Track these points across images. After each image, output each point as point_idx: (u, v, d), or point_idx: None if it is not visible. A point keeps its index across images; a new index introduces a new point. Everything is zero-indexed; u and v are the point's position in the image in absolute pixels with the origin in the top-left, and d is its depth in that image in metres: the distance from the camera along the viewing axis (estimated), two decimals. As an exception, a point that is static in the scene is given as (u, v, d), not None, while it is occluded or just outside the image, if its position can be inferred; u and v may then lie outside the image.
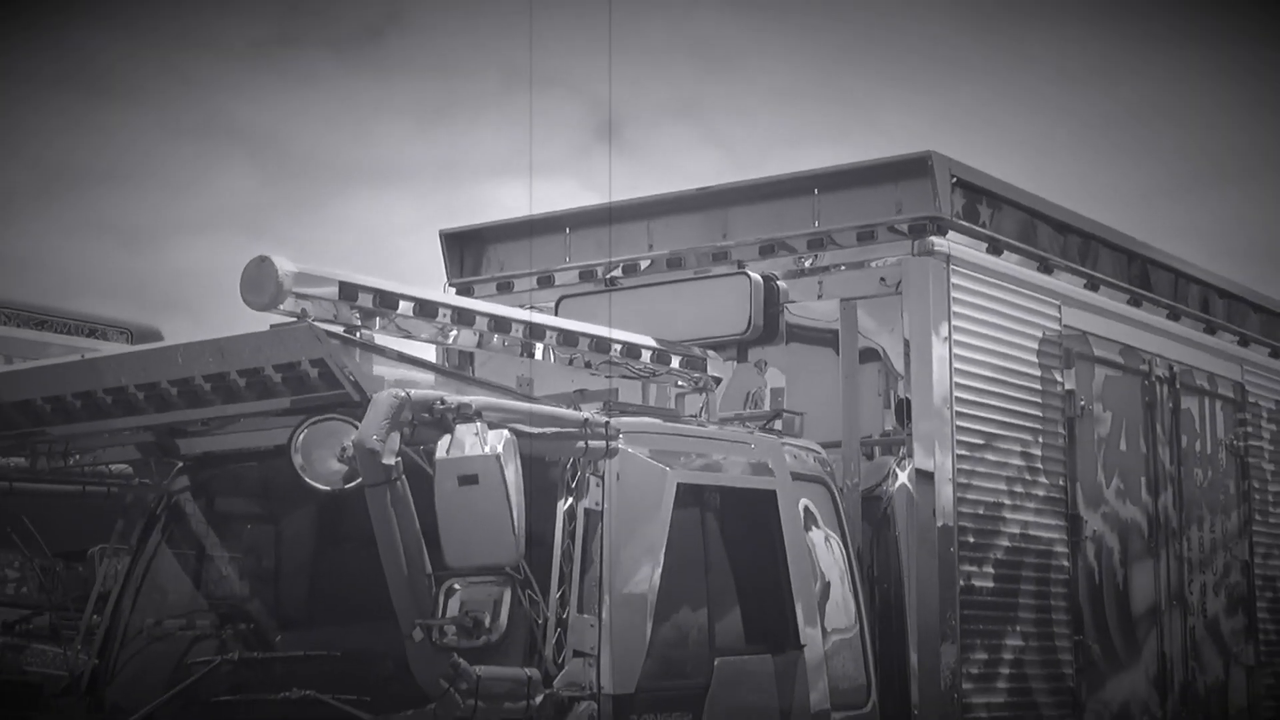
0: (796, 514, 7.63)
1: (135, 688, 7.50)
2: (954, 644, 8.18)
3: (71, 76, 37.23)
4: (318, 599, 7.79)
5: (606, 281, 9.23)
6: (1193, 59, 39.01)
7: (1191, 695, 10.04)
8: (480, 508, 5.92)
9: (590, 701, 6.48)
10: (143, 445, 7.48)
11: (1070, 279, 9.60)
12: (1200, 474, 10.43)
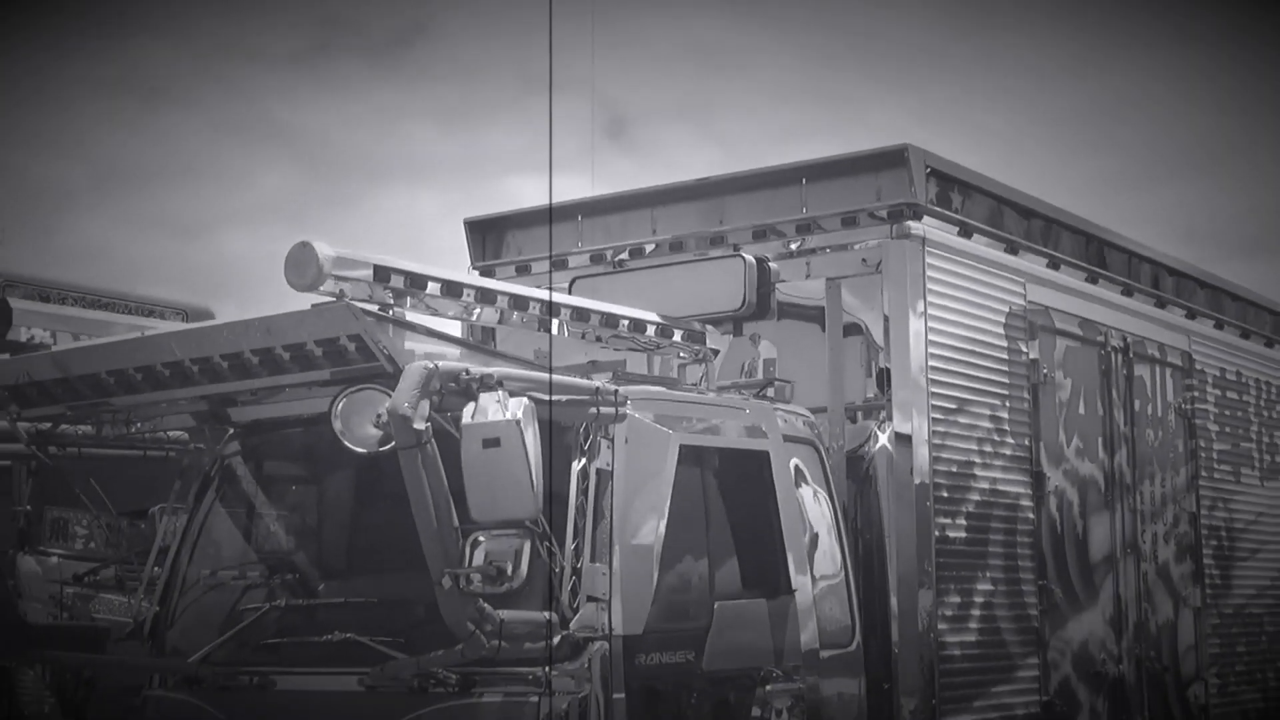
0: (787, 472, 7.64)
1: (192, 632, 7.54)
2: (930, 589, 8.19)
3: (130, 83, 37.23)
4: (356, 551, 7.81)
5: (615, 264, 9.24)
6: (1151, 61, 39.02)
7: (1144, 634, 10.05)
8: (502, 468, 5.94)
9: (602, 642, 6.50)
10: (197, 413, 7.50)
11: (1034, 259, 9.59)
12: (1151, 434, 10.43)
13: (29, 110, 34.33)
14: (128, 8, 34.40)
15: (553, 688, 6.40)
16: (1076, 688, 9.28)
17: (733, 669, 7.09)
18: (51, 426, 7.57)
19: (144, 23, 34.55)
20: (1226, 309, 12.01)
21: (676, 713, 6.81)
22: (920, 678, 8.09)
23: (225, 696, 7.16)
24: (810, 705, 7.39)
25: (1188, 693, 10.48)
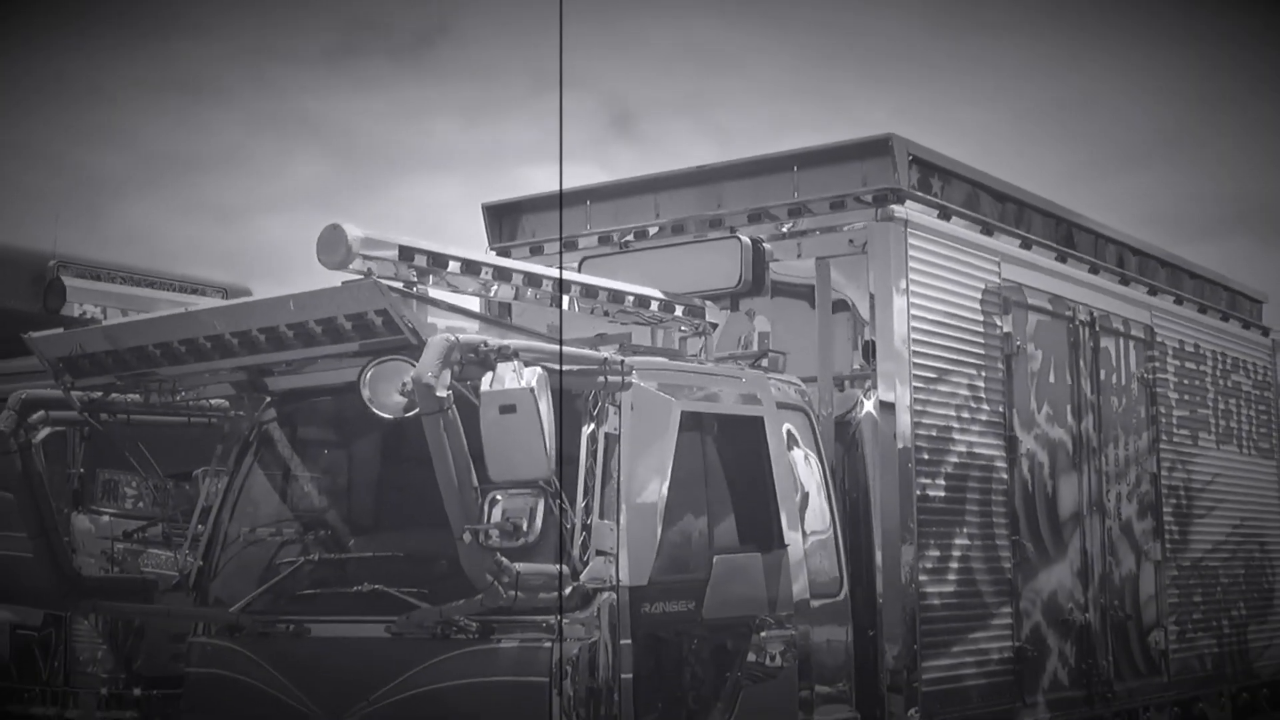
0: (780, 436, 7.63)
1: (233, 584, 7.56)
2: (912, 544, 8.19)
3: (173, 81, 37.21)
4: (383, 510, 7.81)
5: (621, 245, 9.22)
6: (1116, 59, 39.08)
7: (1108, 585, 10.06)
8: (518, 432, 5.95)
9: (610, 592, 6.51)
10: (236, 383, 7.48)
11: (1007, 240, 9.57)
12: (1116, 402, 10.42)
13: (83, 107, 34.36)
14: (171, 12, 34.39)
15: (565, 635, 6.42)
16: (1046, 634, 9.29)
17: (730, 617, 7.10)
18: (102, 395, 7.56)
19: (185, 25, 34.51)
20: (1185, 286, 12.00)
21: (678, 658, 6.83)
22: (903, 625, 8.09)
23: (263, 643, 7.19)
24: (802, 651, 7.40)
25: (1148, 639, 10.49)
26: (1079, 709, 9.58)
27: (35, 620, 10.61)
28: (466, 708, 6.53)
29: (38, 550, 7.80)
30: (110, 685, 10.45)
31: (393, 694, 6.69)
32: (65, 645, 10.52)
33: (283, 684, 7.05)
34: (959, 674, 8.48)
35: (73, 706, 10.43)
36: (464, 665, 6.56)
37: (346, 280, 6.42)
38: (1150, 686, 10.45)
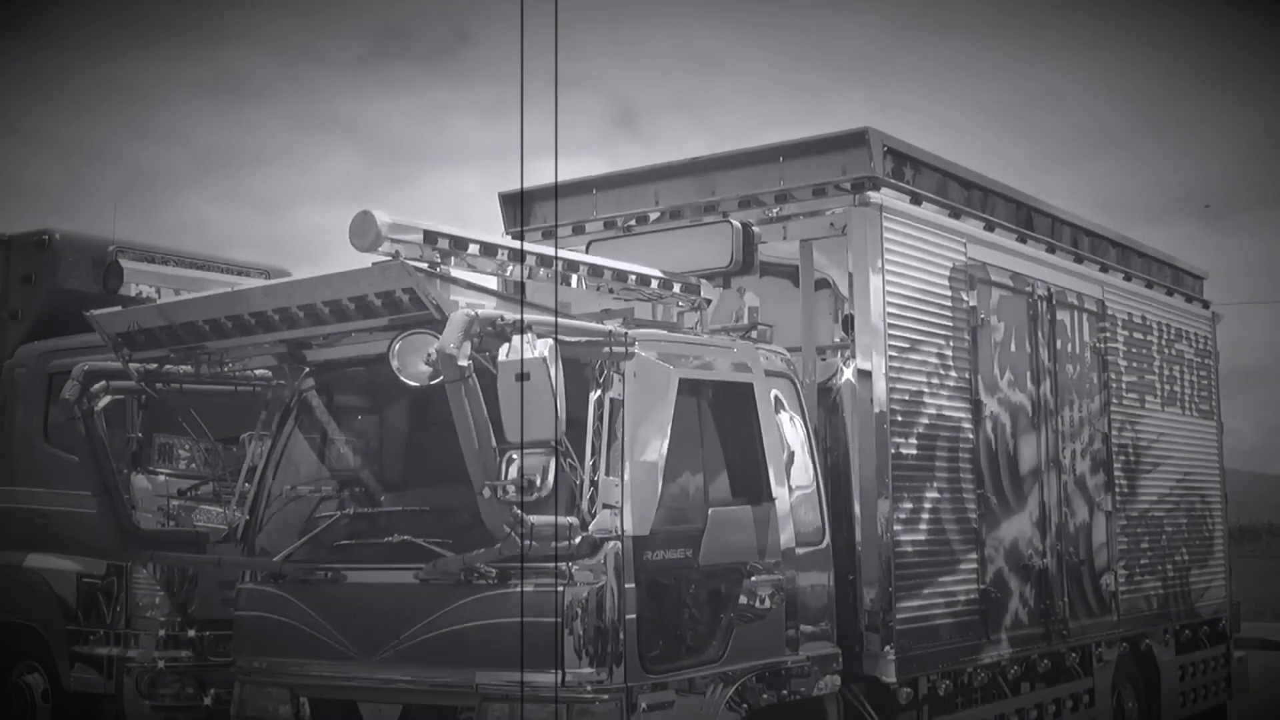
0: (769, 400, 7.63)
1: (276, 536, 7.59)
2: (887, 498, 8.19)
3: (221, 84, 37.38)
4: (411, 468, 7.83)
5: (624, 229, 9.21)
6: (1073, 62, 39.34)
7: (1064, 534, 10.07)
8: (532, 397, 5.97)
9: (616, 542, 6.52)
10: (278, 355, 7.50)
11: (973, 223, 9.54)
12: (1071, 369, 10.42)
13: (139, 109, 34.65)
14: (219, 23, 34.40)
15: (575, 580, 6.47)
16: (1008, 578, 9.31)
17: (724, 564, 7.11)
18: (157, 366, 7.57)
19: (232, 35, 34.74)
20: (1134, 264, 11.97)
21: (677, 601, 6.83)
22: (879, 570, 8.10)
23: (304, 589, 7.23)
24: (788, 594, 7.42)
25: (1100, 582, 10.51)
26: (1038, 645, 9.60)
27: (99, 570, 10.63)
28: (487, 646, 6.56)
29: (100, 507, 7.84)
30: (167, 627, 10.47)
31: (420, 634, 6.74)
32: (126, 592, 10.54)
33: (322, 625, 7.10)
34: (930, 614, 8.49)
35: (134, 646, 10.46)
36: (484, 608, 6.59)
37: (376, 261, 6.43)
38: (1102, 625, 10.47)
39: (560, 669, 6.40)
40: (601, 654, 6.44)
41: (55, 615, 10.79)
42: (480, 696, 6.54)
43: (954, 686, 8.75)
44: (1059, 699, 9.83)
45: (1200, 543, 12.36)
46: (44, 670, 10.90)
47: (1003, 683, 9.29)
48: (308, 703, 7.15)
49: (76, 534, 10.44)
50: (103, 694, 10.51)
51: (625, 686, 6.47)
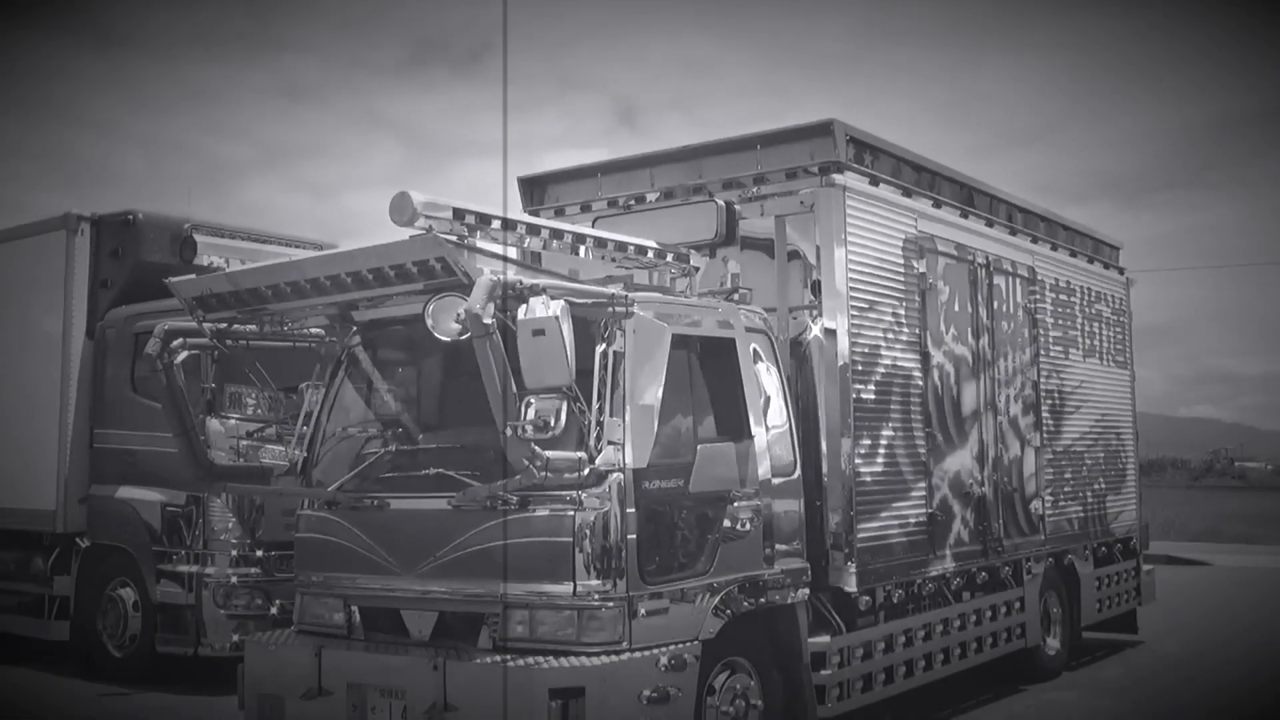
0: (748, 353, 7.62)
1: (330, 470, 7.58)
2: (849, 436, 8.19)
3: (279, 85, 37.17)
4: (444, 411, 7.82)
5: (624, 207, 9.16)
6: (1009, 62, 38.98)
7: (999, 466, 10.08)
8: (546, 350, 5.97)
9: (618, 473, 6.54)
10: (330, 315, 7.48)
11: (922, 201, 9.48)
12: (1006, 325, 10.40)
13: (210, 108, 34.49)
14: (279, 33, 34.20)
15: (584, 505, 6.48)
16: (952, 503, 9.32)
17: (710, 492, 7.12)
18: (227, 325, 7.55)
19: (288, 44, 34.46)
20: (1060, 236, 11.93)
21: (671, 523, 6.85)
22: (842, 497, 8.11)
23: (354, 514, 7.23)
24: (765, 517, 7.43)
25: (1029, 506, 10.53)
26: (976, 560, 9.63)
27: (180, 500, 10.68)
28: (509, 562, 6.57)
29: (180, 447, 7.84)
30: (239, 548, 10.55)
31: (452, 552, 6.75)
32: (203, 518, 10.59)
33: (369, 545, 7.10)
34: (885, 534, 8.51)
35: (211, 564, 10.52)
36: (508, 530, 6.59)
37: (413, 235, 6.40)
38: (1031, 543, 10.50)
39: (573, 581, 6.44)
40: (607, 568, 6.46)
41: (143, 539, 10.85)
42: (504, 605, 6.56)
43: (906, 595, 8.79)
44: (994, 605, 9.88)
45: (1115, 474, 12.39)
46: (135, 585, 10.97)
47: (947, 592, 9.34)
48: (358, 610, 7.17)
49: (160, 470, 10.48)
50: (184, 605, 10.58)
51: (627, 596, 6.50)
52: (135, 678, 10.75)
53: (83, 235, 11.67)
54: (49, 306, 11.72)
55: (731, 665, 7.17)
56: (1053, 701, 10.04)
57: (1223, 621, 14.74)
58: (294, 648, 7.25)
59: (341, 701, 6.88)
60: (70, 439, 11.44)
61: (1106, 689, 10.60)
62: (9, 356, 12.22)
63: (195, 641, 10.49)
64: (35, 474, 11.62)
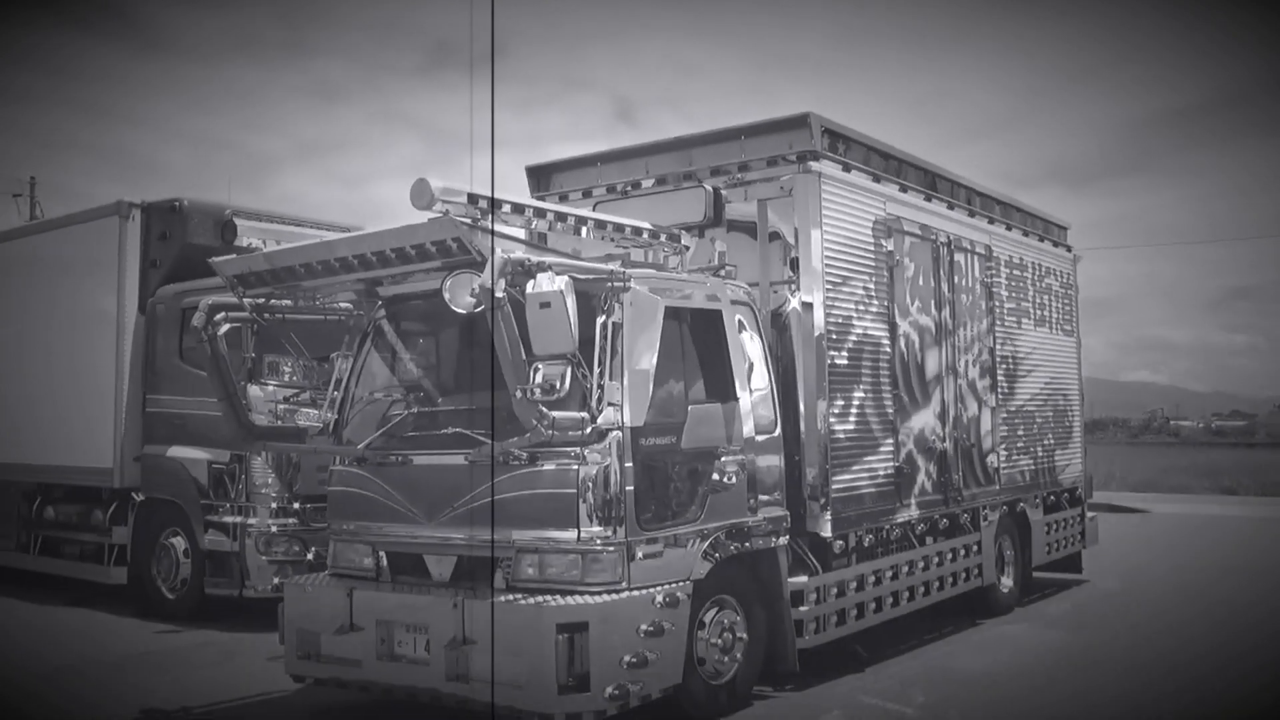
0: (734, 323, 7.60)
1: (358, 430, 7.57)
2: (824, 398, 8.18)
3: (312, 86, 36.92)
4: (460, 376, 7.79)
5: (622, 193, 9.12)
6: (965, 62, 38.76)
7: (959, 423, 10.08)
8: (552, 321, 5.95)
9: (618, 431, 6.53)
10: (357, 291, 7.44)
11: (890, 186, 9.44)
12: (965, 298, 10.38)
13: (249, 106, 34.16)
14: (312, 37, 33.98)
15: (587, 460, 6.48)
16: (917, 457, 9.33)
17: (700, 448, 7.13)
18: (265, 300, 7.52)
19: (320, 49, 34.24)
20: (1014, 218, 11.88)
21: (665, 476, 6.85)
22: (818, 453, 8.12)
23: (381, 469, 7.23)
24: (749, 471, 7.44)
25: (986, 460, 10.54)
26: (938, 508, 9.65)
27: (224, 458, 10.67)
28: (519, 512, 6.58)
29: (224, 410, 7.82)
30: (278, 500, 10.55)
31: (469, 503, 6.75)
32: (246, 474, 10.59)
33: (394, 497, 7.10)
34: (857, 485, 8.52)
35: (252, 515, 10.53)
36: (518, 482, 6.60)
37: (431, 218, 6.36)
38: (987, 493, 10.51)
39: (577, 528, 6.45)
40: (607, 517, 6.47)
41: (192, 493, 10.85)
42: (516, 549, 6.58)
43: (875, 539, 8.81)
44: (954, 548, 9.91)
45: (1062, 431, 12.41)
46: (185, 534, 10.99)
47: (912, 536, 9.35)
48: (385, 555, 7.18)
49: (206, 431, 10.48)
50: (229, 551, 10.60)
51: (626, 541, 6.51)
52: (186, 617, 10.79)
53: (134, 221, 11.63)
54: (105, 285, 11.69)
55: (719, 602, 7.20)
56: (1006, 634, 10.09)
57: (1157, 562, 14.82)
58: (328, 589, 7.27)
59: (371, 636, 6.91)
60: (125, 404, 11.43)
61: (1054, 622, 10.66)
62: (70, 331, 12.20)
63: (240, 584, 10.52)
64: (94, 436, 11.62)
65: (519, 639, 6.29)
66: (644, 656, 6.45)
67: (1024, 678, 8.31)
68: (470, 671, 6.44)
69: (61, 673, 8.80)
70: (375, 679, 6.92)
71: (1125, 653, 9.19)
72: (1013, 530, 11.18)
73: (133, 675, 8.68)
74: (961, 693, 7.87)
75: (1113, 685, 8.06)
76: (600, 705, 6.29)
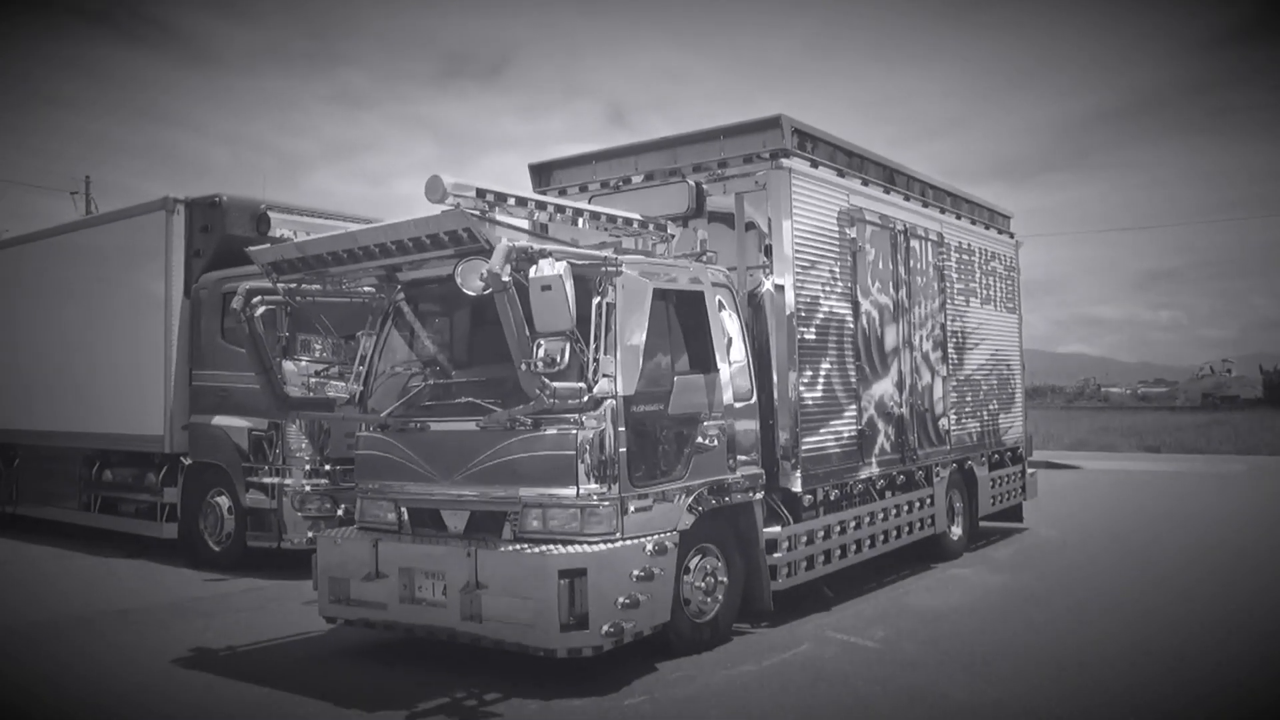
0: (715, 303, 7.59)
1: (382, 400, 7.55)
2: (795, 370, 8.18)
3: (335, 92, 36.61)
4: (473, 352, 7.78)
5: (615, 187, 9.07)
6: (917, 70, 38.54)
7: (915, 391, 10.08)
8: (553, 302, 5.92)
9: (612, 399, 6.52)
10: (379, 276, 7.40)
11: (853, 180, 9.40)
12: (920, 280, 10.37)
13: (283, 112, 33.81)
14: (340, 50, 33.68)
15: (584, 425, 6.47)
16: (877, 421, 9.34)
17: (685, 414, 7.12)
18: (296, 285, 7.48)
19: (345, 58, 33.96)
20: (963, 208, 11.86)
21: (654, 439, 6.85)
22: (790, 417, 8.13)
23: (402, 434, 7.21)
24: (728, 434, 7.44)
25: (938, 423, 10.57)
26: (896, 466, 9.68)
27: (263, 425, 10.65)
28: (525, 471, 6.58)
29: (261, 383, 7.80)
30: (311, 463, 10.53)
31: (480, 464, 6.75)
32: (281, 440, 10.57)
33: (414, 458, 7.10)
34: (824, 446, 8.54)
35: (289, 476, 10.51)
36: (524, 445, 6.59)
37: (444, 210, 6.31)
38: (939, 452, 10.55)
39: (576, 485, 6.46)
40: (603, 475, 6.47)
41: (234, 456, 10.83)
42: (522, 504, 6.59)
43: (840, 494, 8.84)
44: (910, 501, 9.95)
45: (1005, 397, 12.44)
46: (228, 493, 10.97)
47: (873, 491, 9.39)
48: (406, 511, 7.18)
49: (246, 401, 10.45)
50: (268, 509, 10.60)
51: (619, 497, 6.52)
52: (230, 566, 10.80)
53: (179, 215, 11.55)
54: (153, 273, 11.62)
55: (703, 550, 7.22)
56: (956, 576, 10.15)
57: (1089, 511, 14.89)
58: (356, 541, 7.27)
59: (394, 582, 6.92)
60: (174, 379, 11.39)
61: (998, 565, 10.72)
62: (124, 314, 12.15)
63: (278, 537, 10.53)
64: (147, 407, 11.59)
65: (526, 583, 6.30)
66: (636, 598, 6.47)
67: (972, 614, 8.36)
68: (482, 612, 6.46)
69: (122, 615, 8.81)
70: (398, 620, 6.94)
71: (1061, 591, 9.25)
72: (961, 485, 11.23)
73: (184, 617, 8.70)
74: (916, 627, 7.91)
75: (1050, 619, 8.12)
76: (598, 641, 6.31)
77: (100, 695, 6.56)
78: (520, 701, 6.16)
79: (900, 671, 6.69)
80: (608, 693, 6.30)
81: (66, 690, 6.70)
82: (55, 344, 13.09)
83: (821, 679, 6.55)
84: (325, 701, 6.24)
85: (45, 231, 13.83)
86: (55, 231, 13.74)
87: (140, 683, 6.81)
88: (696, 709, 6.02)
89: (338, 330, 8.70)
